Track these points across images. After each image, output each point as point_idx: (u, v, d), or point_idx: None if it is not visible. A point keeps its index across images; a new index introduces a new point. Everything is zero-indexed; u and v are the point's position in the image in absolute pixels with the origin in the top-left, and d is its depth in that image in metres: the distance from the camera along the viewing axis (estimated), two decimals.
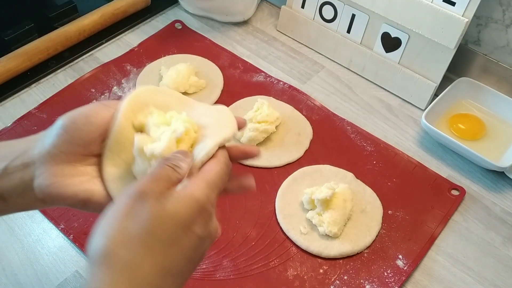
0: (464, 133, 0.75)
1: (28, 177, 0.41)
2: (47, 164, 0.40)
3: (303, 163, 0.72)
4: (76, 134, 0.41)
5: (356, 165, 0.72)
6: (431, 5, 0.73)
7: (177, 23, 0.93)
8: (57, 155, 0.40)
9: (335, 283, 0.60)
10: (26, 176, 0.41)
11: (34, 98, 0.79)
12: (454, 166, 0.73)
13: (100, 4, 0.91)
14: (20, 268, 0.60)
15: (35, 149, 0.41)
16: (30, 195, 0.41)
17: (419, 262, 0.63)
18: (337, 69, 0.87)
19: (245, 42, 0.91)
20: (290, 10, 0.90)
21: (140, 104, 0.43)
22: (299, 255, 0.63)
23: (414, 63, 0.80)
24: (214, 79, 0.82)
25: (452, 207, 0.68)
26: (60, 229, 0.64)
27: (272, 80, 0.83)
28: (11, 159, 0.41)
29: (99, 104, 0.43)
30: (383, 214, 0.67)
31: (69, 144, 0.40)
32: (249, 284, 0.60)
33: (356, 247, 0.63)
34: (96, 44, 0.88)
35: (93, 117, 0.41)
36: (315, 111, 0.79)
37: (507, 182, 0.72)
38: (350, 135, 0.76)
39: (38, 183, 0.40)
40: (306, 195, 0.65)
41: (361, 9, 0.82)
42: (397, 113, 0.81)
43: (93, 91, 0.80)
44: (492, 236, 0.66)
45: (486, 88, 0.78)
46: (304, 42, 0.91)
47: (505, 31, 0.76)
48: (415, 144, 0.76)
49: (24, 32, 0.85)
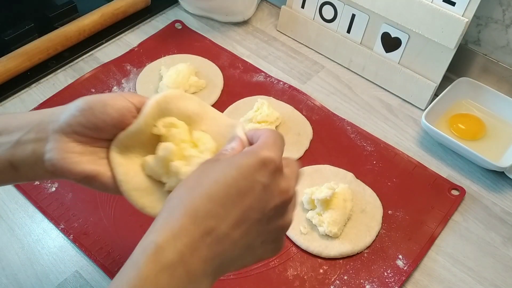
0: (464, 133, 0.75)
1: (40, 150, 0.43)
2: (59, 140, 0.42)
3: (303, 163, 0.72)
4: (91, 119, 0.42)
5: (356, 165, 0.72)
6: (431, 5, 0.73)
7: (177, 23, 0.93)
8: (69, 134, 0.42)
9: (335, 283, 0.60)
10: (38, 149, 0.43)
11: (34, 98, 0.79)
12: (454, 166, 0.73)
13: (100, 4, 0.91)
14: (20, 268, 0.60)
15: (49, 124, 0.43)
16: (40, 167, 0.43)
17: (419, 262, 0.63)
18: (337, 69, 0.87)
19: (245, 42, 0.91)
20: (290, 10, 0.90)
21: (164, 110, 0.44)
22: (299, 255, 0.63)
23: (414, 63, 0.80)
24: (214, 79, 0.82)
25: (452, 207, 0.68)
26: (60, 229, 0.64)
27: (272, 80, 0.83)
28: (25, 131, 0.43)
29: (119, 94, 0.44)
30: (383, 214, 0.67)
31: (82, 127, 0.42)
32: (249, 284, 0.60)
33: (356, 247, 0.63)
34: (96, 44, 0.88)
35: (110, 107, 0.42)
36: (315, 111, 0.79)
37: (507, 182, 0.72)
38: (350, 135, 0.76)
39: (49, 157, 0.42)
40: (306, 195, 0.65)
41: (361, 9, 0.82)
42: (397, 113, 0.81)
43: (93, 91, 0.80)
44: (492, 236, 0.66)
45: (486, 88, 0.78)
46: (304, 42, 0.91)
47: (505, 31, 0.76)
48: (415, 144, 0.76)
49: (24, 32, 0.85)
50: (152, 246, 0.35)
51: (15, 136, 0.43)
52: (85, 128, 0.42)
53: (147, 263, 0.34)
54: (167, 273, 0.34)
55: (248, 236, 0.38)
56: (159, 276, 0.34)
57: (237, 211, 0.37)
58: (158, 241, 0.35)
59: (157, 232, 0.36)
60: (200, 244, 0.36)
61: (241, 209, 0.37)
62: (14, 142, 0.43)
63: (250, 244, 0.38)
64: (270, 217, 0.39)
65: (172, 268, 0.35)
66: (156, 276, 0.34)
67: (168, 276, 0.34)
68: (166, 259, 0.35)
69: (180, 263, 0.35)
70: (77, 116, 0.42)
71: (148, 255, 0.35)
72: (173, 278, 0.35)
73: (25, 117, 0.44)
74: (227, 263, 0.38)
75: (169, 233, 0.35)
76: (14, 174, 0.44)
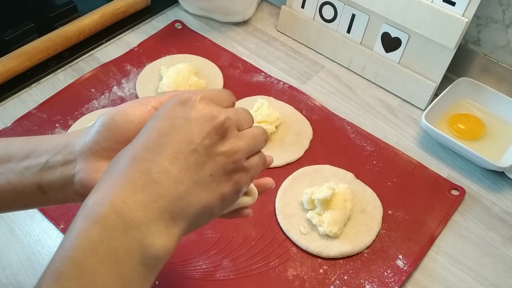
0: (464, 133, 0.75)
1: (69, 172, 0.42)
2: (88, 160, 0.42)
3: (303, 163, 0.72)
4: (116, 131, 0.42)
5: (356, 165, 0.72)
6: (431, 5, 0.73)
7: (177, 23, 0.93)
8: (98, 152, 0.42)
9: (335, 283, 0.60)
10: (67, 171, 0.42)
11: (34, 98, 0.79)
12: (454, 166, 0.73)
13: (100, 4, 0.91)
14: (20, 268, 0.60)
15: (76, 145, 0.43)
16: (70, 189, 0.43)
17: (419, 262, 0.63)
18: (337, 69, 0.87)
19: (245, 42, 0.91)
20: (290, 10, 0.90)
21: None
22: (299, 255, 0.63)
23: (414, 63, 0.80)
24: (214, 79, 0.82)
25: (452, 207, 0.68)
26: (60, 229, 0.64)
27: (272, 80, 0.83)
28: (52, 153, 0.43)
29: (136, 102, 0.44)
30: (383, 214, 0.67)
31: (109, 140, 0.42)
32: (249, 284, 0.60)
33: (356, 247, 0.63)
34: (96, 44, 0.88)
35: (131, 115, 0.43)
36: (315, 111, 0.79)
37: (507, 182, 0.72)
38: (350, 135, 0.76)
39: (79, 178, 0.42)
40: (306, 195, 0.65)
41: (361, 9, 0.82)
42: (397, 113, 0.81)
43: (93, 91, 0.80)
44: (492, 236, 0.66)
45: (486, 88, 0.78)
46: (304, 42, 0.91)
47: (505, 31, 0.76)
48: (415, 144, 0.76)
49: (24, 32, 0.85)
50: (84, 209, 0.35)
51: (43, 159, 0.43)
52: (112, 141, 0.42)
53: (78, 223, 0.34)
54: (98, 226, 0.34)
55: (189, 169, 0.37)
56: (90, 230, 0.34)
57: (166, 149, 0.37)
58: (88, 203, 0.35)
59: (89, 196, 0.36)
60: (132, 189, 0.35)
61: (170, 146, 0.37)
62: (42, 165, 0.43)
63: (197, 178, 0.37)
64: (206, 146, 0.38)
65: (104, 219, 0.34)
66: (87, 231, 0.34)
67: (100, 228, 0.34)
68: (96, 214, 0.34)
69: (112, 214, 0.34)
70: (102, 132, 0.42)
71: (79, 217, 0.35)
72: (106, 229, 0.34)
73: (53, 139, 0.44)
74: (178, 203, 0.37)
75: (98, 193, 0.36)
76: (42, 197, 0.44)
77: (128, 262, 0.34)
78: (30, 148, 0.44)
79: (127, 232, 0.34)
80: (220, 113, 0.39)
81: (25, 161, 0.43)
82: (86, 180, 0.41)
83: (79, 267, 0.33)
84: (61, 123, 0.75)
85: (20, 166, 0.43)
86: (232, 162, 0.39)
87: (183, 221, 0.37)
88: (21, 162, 0.43)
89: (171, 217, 0.36)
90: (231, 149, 0.39)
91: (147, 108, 0.43)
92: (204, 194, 0.38)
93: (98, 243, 0.34)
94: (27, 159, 0.43)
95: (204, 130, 0.38)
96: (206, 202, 0.38)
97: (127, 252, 0.34)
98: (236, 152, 0.39)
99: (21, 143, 0.45)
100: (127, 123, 0.42)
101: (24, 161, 0.43)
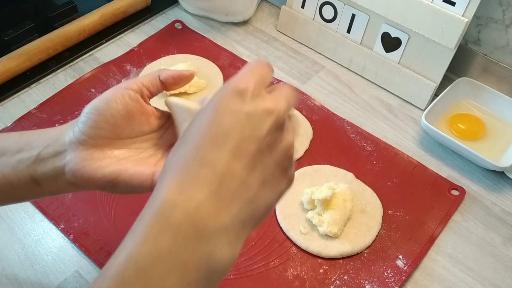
0: (464, 133, 0.75)
1: (60, 162, 0.44)
2: (76, 149, 0.44)
3: (303, 163, 0.72)
4: (100, 119, 0.44)
5: (356, 165, 0.72)
6: (431, 5, 0.73)
7: (177, 23, 0.93)
8: (85, 141, 0.44)
9: (335, 283, 0.60)
10: (58, 161, 0.44)
11: (34, 98, 0.79)
12: (454, 166, 0.73)
13: (100, 4, 0.91)
14: (20, 268, 0.60)
15: (66, 136, 0.44)
16: (62, 180, 0.44)
17: (419, 262, 0.63)
18: (337, 69, 0.87)
19: (245, 42, 0.91)
20: (290, 10, 0.90)
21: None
22: (299, 255, 0.63)
23: (414, 63, 0.80)
24: (214, 79, 0.82)
25: (452, 207, 0.68)
26: (60, 229, 0.64)
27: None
28: (44, 146, 0.44)
29: (117, 88, 0.46)
30: (383, 214, 0.67)
31: (94, 129, 0.44)
32: (249, 284, 0.60)
33: (356, 247, 0.63)
34: (96, 44, 0.88)
35: (113, 102, 0.44)
36: (315, 111, 0.79)
37: (507, 182, 0.72)
38: (350, 135, 0.76)
39: (70, 168, 0.43)
40: (306, 195, 0.65)
41: (361, 9, 0.82)
42: (397, 113, 0.81)
43: (93, 91, 0.80)
44: (492, 236, 0.66)
45: (486, 88, 0.78)
46: (304, 42, 0.91)
47: (505, 31, 0.76)
48: (415, 144, 0.76)
49: (24, 32, 0.85)
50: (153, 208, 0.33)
51: (35, 152, 0.44)
52: (98, 130, 0.44)
53: (147, 225, 0.32)
54: (168, 232, 0.32)
55: (256, 169, 0.35)
56: (159, 237, 0.31)
57: (230, 147, 0.33)
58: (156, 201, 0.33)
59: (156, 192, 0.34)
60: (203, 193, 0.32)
61: (234, 144, 0.34)
62: (34, 157, 0.44)
63: (263, 179, 0.35)
64: (269, 144, 0.35)
65: (175, 226, 0.32)
66: (156, 237, 0.31)
67: (170, 235, 0.31)
68: (165, 218, 0.32)
69: (184, 221, 0.32)
70: (87, 121, 0.44)
71: (147, 216, 0.32)
72: (177, 237, 0.31)
73: (44, 133, 0.46)
74: (248, 209, 0.34)
75: (167, 190, 0.33)
76: (37, 189, 0.45)
77: (195, 275, 0.32)
78: (23, 142, 0.45)
79: (199, 243, 0.32)
80: (276, 105, 0.36)
81: (18, 155, 0.45)
82: (76, 169, 0.43)
83: (145, 276, 0.31)
84: (61, 123, 0.75)
85: (13, 159, 0.45)
86: (289, 158, 0.38)
87: (251, 227, 0.35)
88: (15, 156, 0.45)
89: (242, 224, 0.34)
90: (288, 144, 0.38)
91: (128, 92, 0.45)
92: (269, 194, 0.36)
93: (167, 252, 0.31)
94: (20, 153, 0.45)
95: (265, 126, 0.35)
96: (270, 203, 0.37)
97: (195, 265, 0.32)
98: (291, 147, 0.38)
99: (15, 137, 0.47)
100: (110, 109, 0.44)
101: (18, 155, 0.45)
